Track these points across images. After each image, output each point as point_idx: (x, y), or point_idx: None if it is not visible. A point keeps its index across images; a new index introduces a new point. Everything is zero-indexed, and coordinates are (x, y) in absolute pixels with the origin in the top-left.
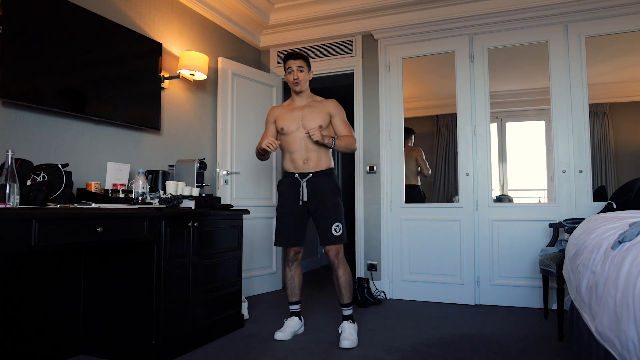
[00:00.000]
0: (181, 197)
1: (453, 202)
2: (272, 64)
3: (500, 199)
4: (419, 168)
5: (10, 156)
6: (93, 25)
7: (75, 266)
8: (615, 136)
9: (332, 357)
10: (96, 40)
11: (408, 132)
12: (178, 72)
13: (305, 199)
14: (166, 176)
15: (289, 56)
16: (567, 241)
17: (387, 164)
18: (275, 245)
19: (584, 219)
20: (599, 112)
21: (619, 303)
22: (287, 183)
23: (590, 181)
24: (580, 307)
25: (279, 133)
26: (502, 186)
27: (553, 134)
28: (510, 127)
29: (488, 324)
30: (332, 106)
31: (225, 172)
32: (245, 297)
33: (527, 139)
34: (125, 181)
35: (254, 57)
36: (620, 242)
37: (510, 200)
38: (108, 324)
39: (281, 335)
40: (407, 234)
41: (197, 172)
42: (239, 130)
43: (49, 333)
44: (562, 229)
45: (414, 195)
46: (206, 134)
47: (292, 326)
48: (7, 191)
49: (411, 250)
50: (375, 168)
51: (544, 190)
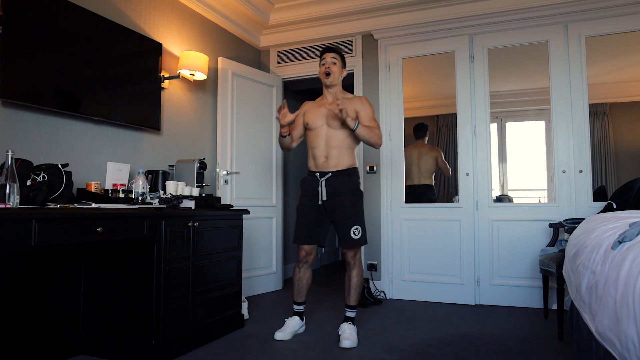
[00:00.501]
0: (181, 197)
1: (453, 202)
2: (272, 64)
3: (500, 199)
4: (437, 168)
5: (10, 156)
6: (93, 25)
7: (75, 266)
8: (615, 136)
9: (332, 357)
10: (96, 40)
11: (422, 128)
12: (178, 72)
13: (325, 198)
14: (166, 176)
15: (325, 49)
16: (567, 241)
17: (387, 164)
18: (293, 242)
19: (584, 219)
20: (599, 112)
21: (619, 303)
22: (308, 182)
23: (590, 181)
24: (580, 307)
25: (306, 128)
26: (502, 186)
27: (553, 134)
28: (510, 127)
29: (488, 324)
30: (360, 103)
31: (225, 172)
32: (245, 297)
33: (527, 139)
34: (125, 181)
35: (254, 57)
36: (620, 242)
37: (510, 200)
38: (108, 324)
39: (281, 335)
40: (407, 234)
41: (197, 172)
42: (239, 130)
43: (49, 333)
44: (562, 229)
45: (428, 194)
46: (206, 134)
47: (292, 326)
48: (7, 191)
49: (411, 250)
50: (375, 168)
51: (544, 190)
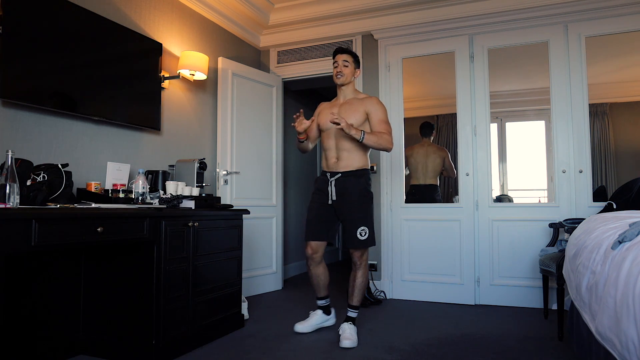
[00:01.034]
0: (181, 197)
1: (453, 202)
2: (272, 64)
3: (500, 199)
4: (444, 169)
5: (10, 156)
6: (93, 25)
7: (75, 266)
8: (615, 136)
9: (332, 357)
10: (96, 40)
11: (428, 127)
12: (178, 72)
13: (334, 198)
14: (166, 176)
15: (337, 50)
16: (567, 241)
17: (387, 164)
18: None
19: (584, 219)
20: (599, 112)
21: (619, 303)
22: (320, 181)
23: (590, 181)
24: (580, 307)
25: (320, 129)
26: (502, 186)
27: (553, 134)
28: (510, 127)
29: (488, 324)
30: (371, 104)
31: (225, 172)
32: (245, 297)
33: (527, 139)
34: (125, 181)
35: (254, 57)
36: (620, 242)
37: (510, 200)
38: (108, 324)
39: (300, 327)
40: (407, 234)
41: (197, 172)
42: (239, 130)
43: (49, 333)
44: (562, 229)
45: (433, 195)
46: (206, 134)
47: (314, 319)
48: (7, 191)
49: (411, 250)
50: (375, 168)
51: (544, 190)
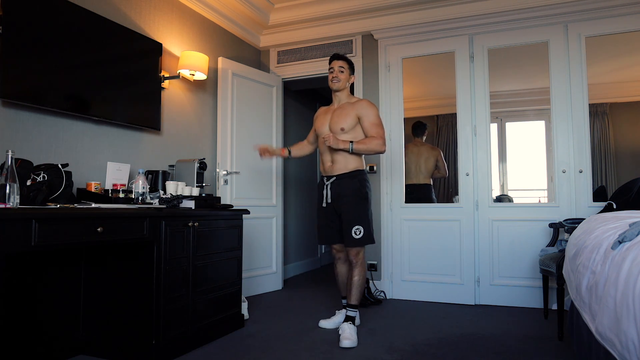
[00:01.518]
0: (181, 197)
1: (453, 202)
2: (272, 64)
3: (500, 199)
4: (437, 168)
5: (10, 156)
6: (93, 25)
7: (75, 266)
8: (615, 136)
9: (332, 357)
10: (96, 40)
11: (421, 127)
12: (178, 72)
13: (329, 200)
14: (166, 176)
15: (333, 56)
16: (567, 241)
17: (387, 164)
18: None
19: (584, 219)
20: (599, 112)
21: (619, 303)
22: (319, 185)
23: (590, 181)
24: (580, 307)
25: (317, 134)
26: (502, 186)
27: (553, 134)
28: (510, 127)
29: (488, 324)
30: (361, 107)
31: (225, 172)
32: (245, 297)
33: (527, 139)
34: (125, 181)
35: (254, 57)
36: (620, 242)
37: (510, 200)
38: (108, 324)
39: (324, 323)
40: (407, 234)
41: (197, 172)
42: (239, 130)
43: (49, 333)
44: (562, 229)
45: (429, 194)
46: (206, 134)
47: (338, 317)
48: (7, 191)
49: (411, 250)
50: (375, 168)
51: (544, 190)
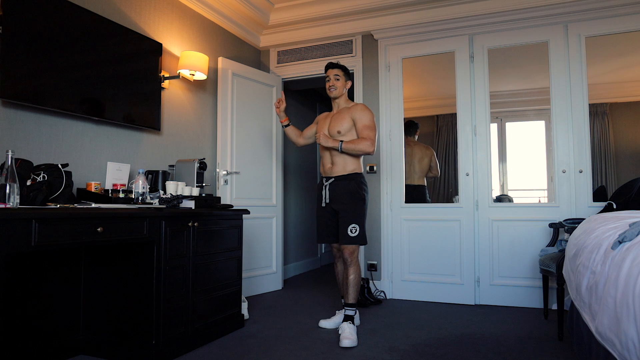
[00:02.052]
0: (181, 197)
1: (453, 202)
2: (272, 64)
3: (500, 199)
4: (430, 168)
5: (10, 156)
6: (93, 25)
7: (75, 266)
8: (615, 136)
9: (332, 357)
10: (96, 40)
11: (413, 126)
12: (178, 72)
13: (328, 200)
14: (166, 176)
15: (329, 65)
16: (567, 241)
17: (387, 164)
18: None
19: (584, 219)
20: (599, 112)
21: (619, 303)
22: (318, 186)
23: (590, 181)
24: (580, 307)
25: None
26: (502, 186)
27: (553, 134)
28: (510, 127)
29: (488, 324)
30: (356, 110)
31: (225, 172)
32: (245, 297)
33: (527, 139)
34: (125, 181)
35: (254, 57)
36: (620, 242)
37: (510, 200)
38: (108, 324)
39: (325, 323)
40: (407, 234)
41: (197, 172)
42: (239, 130)
43: (48, 333)
44: (562, 229)
45: (425, 195)
46: (206, 134)
47: (338, 317)
48: (7, 191)
49: (411, 250)
50: (375, 168)
51: (544, 190)
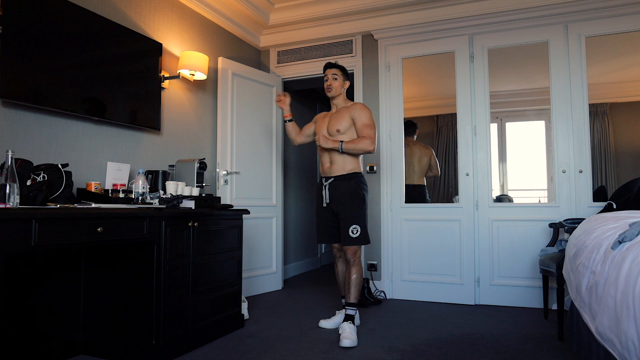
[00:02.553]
0: (181, 197)
1: (453, 202)
2: (272, 64)
3: (500, 199)
4: (429, 167)
5: (10, 156)
6: (93, 25)
7: (75, 266)
8: (615, 136)
9: (332, 357)
10: (96, 40)
11: (412, 126)
12: (178, 72)
13: (328, 201)
14: (166, 176)
15: (327, 65)
16: (567, 241)
17: (387, 164)
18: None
19: (584, 219)
20: (599, 112)
21: (619, 303)
22: (317, 186)
23: (590, 181)
24: (580, 307)
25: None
26: (502, 186)
27: (553, 134)
28: (510, 127)
29: (488, 324)
30: (354, 109)
31: (225, 172)
32: (245, 297)
33: (527, 139)
34: (125, 181)
35: (254, 57)
36: (620, 242)
37: (510, 200)
38: (108, 324)
39: (325, 323)
40: (407, 234)
41: (197, 172)
42: (239, 130)
43: (48, 333)
44: (562, 229)
45: (425, 195)
46: (206, 134)
47: (338, 318)
48: (7, 191)
49: (411, 250)
50: (375, 168)
51: (544, 190)
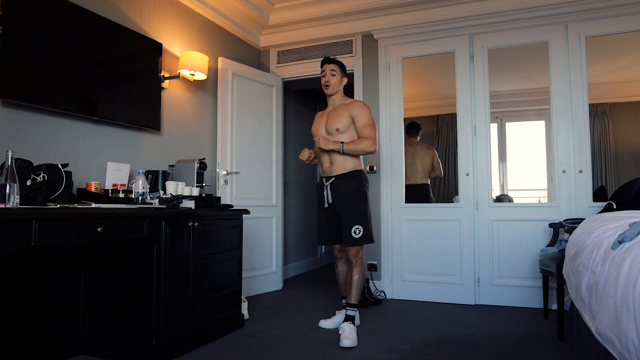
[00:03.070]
0: (181, 197)
1: (453, 202)
2: (272, 64)
3: (500, 199)
4: (432, 168)
5: (10, 156)
6: (93, 25)
7: (75, 266)
8: (615, 136)
9: (332, 357)
10: (96, 40)
11: (415, 127)
12: (178, 72)
13: (330, 201)
14: (166, 176)
15: (325, 60)
16: (567, 241)
17: (387, 164)
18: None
19: (584, 219)
20: (599, 112)
21: (619, 303)
22: (318, 187)
23: (590, 181)
24: (580, 307)
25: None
26: (502, 186)
27: (553, 134)
28: (510, 127)
29: (488, 324)
30: (354, 108)
31: (225, 172)
32: (245, 297)
33: (527, 139)
34: (125, 181)
35: (254, 57)
36: (620, 242)
37: (510, 200)
38: (108, 324)
39: (325, 323)
40: (407, 234)
41: (197, 172)
42: (239, 130)
43: (48, 333)
44: (562, 229)
45: (428, 194)
46: (206, 134)
47: (338, 318)
48: (7, 191)
49: (411, 250)
50: (375, 168)
51: (544, 190)
